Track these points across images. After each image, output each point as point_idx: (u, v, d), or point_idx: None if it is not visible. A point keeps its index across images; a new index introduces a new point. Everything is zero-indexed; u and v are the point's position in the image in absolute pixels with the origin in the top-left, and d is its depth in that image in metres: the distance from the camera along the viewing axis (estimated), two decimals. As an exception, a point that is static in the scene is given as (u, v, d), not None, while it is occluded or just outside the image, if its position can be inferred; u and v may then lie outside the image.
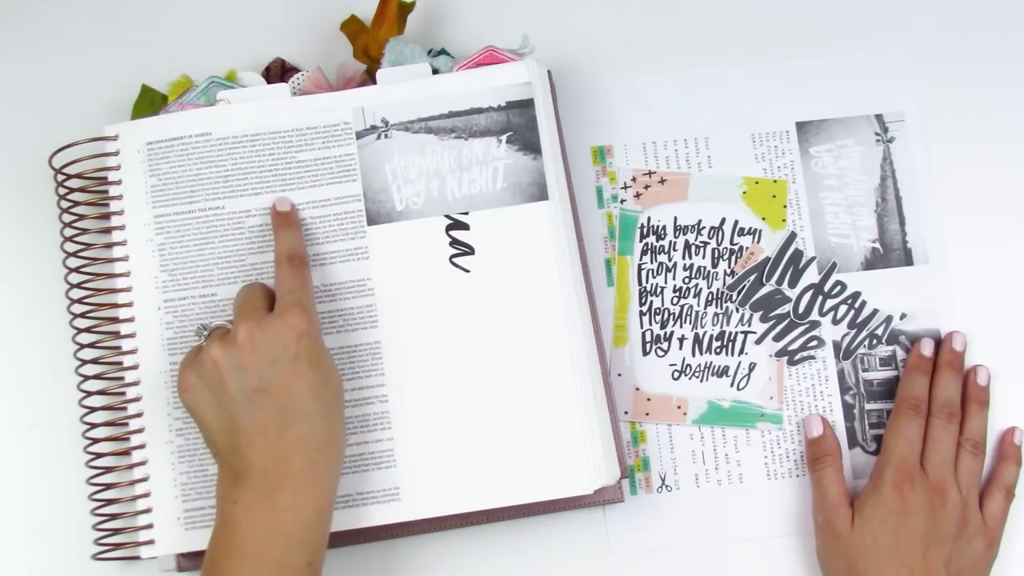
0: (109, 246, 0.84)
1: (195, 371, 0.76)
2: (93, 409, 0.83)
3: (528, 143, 0.83)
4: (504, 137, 0.83)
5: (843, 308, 0.88)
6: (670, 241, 0.89)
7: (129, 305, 0.83)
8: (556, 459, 0.80)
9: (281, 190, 0.83)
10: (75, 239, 0.85)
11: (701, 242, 0.89)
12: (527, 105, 0.83)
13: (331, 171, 0.83)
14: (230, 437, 0.74)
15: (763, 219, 0.89)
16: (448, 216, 0.83)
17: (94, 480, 0.83)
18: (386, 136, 0.84)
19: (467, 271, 0.82)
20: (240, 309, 0.77)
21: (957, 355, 0.86)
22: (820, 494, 0.83)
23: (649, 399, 0.87)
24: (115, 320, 0.83)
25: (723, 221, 0.89)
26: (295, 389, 0.74)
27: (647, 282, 0.89)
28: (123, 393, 0.82)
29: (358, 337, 0.82)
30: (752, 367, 0.88)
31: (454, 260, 0.82)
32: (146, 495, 0.81)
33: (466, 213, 0.83)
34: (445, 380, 0.81)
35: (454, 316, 0.82)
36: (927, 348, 0.86)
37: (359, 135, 0.84)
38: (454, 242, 0.82)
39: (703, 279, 0.89)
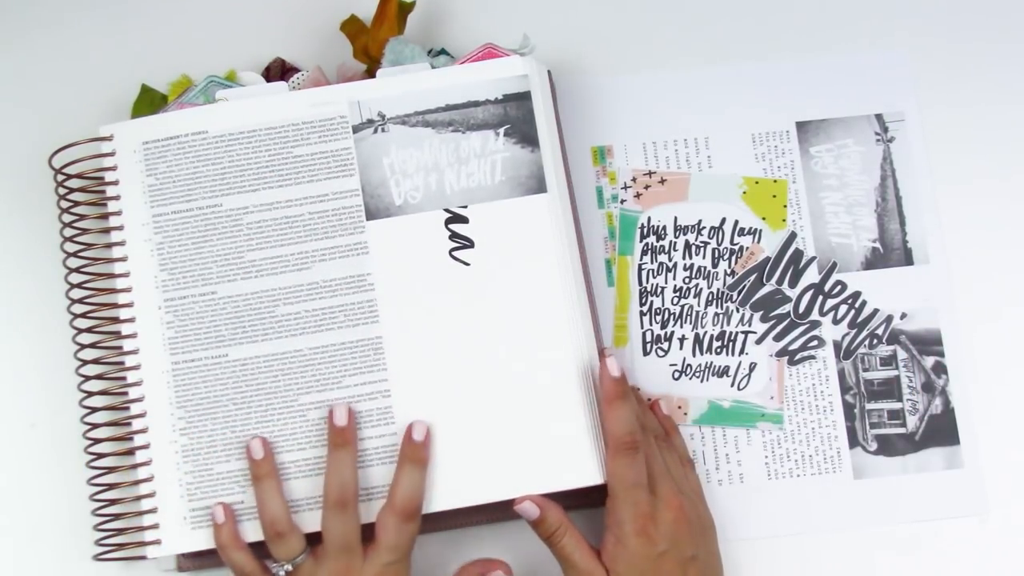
0: (109, 246, 0.84)
1: None
2: (95, 409, 0.83)
3: (526, 136, 0.83)
4: (502, 130, 0.83)
5: (843, 308, 0.88)
6: (670, 241, 0.89)
7: (129, 305, 0.83)
8: (558, 450, 0.80)
9: (279, 186, 0.83)
10: (75, 239, 0.85)
11: (701, 242, 0.89)
12: (524, 98, 0.83)
13: (328, 166, 0.83)
14: None
15: (763, 219, 0.89)
16: (447, 210, 0.83)
17: (95, 480, 0.83)
18: (383, 130, 0.84)
19: (467, 264, 0.82)
20: (333, 548, 0.78)
21: (623, 385, 0.79)
22: (569, 565, 0.78)
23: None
24: (115, 320, 0.83)
25: (723, 221, 0.89)
26: None
27: (647, 282, 0.89)
28: (125, 393, 0.82)
29: (359, 332, 0.82)
30: (752, 367, 0.87)
31: (454, 254, 0.82)
32: (151, 495, 0.81)
33: (465, 206, 0.83)
34: (447, 374, 0.81)
35: (455, 310, 0.82)
36: (615, 369, 0.78)
37: (355, 129, 0.84)
38: (453, 236, 0.82)
39: (703, 279, 0.88)
